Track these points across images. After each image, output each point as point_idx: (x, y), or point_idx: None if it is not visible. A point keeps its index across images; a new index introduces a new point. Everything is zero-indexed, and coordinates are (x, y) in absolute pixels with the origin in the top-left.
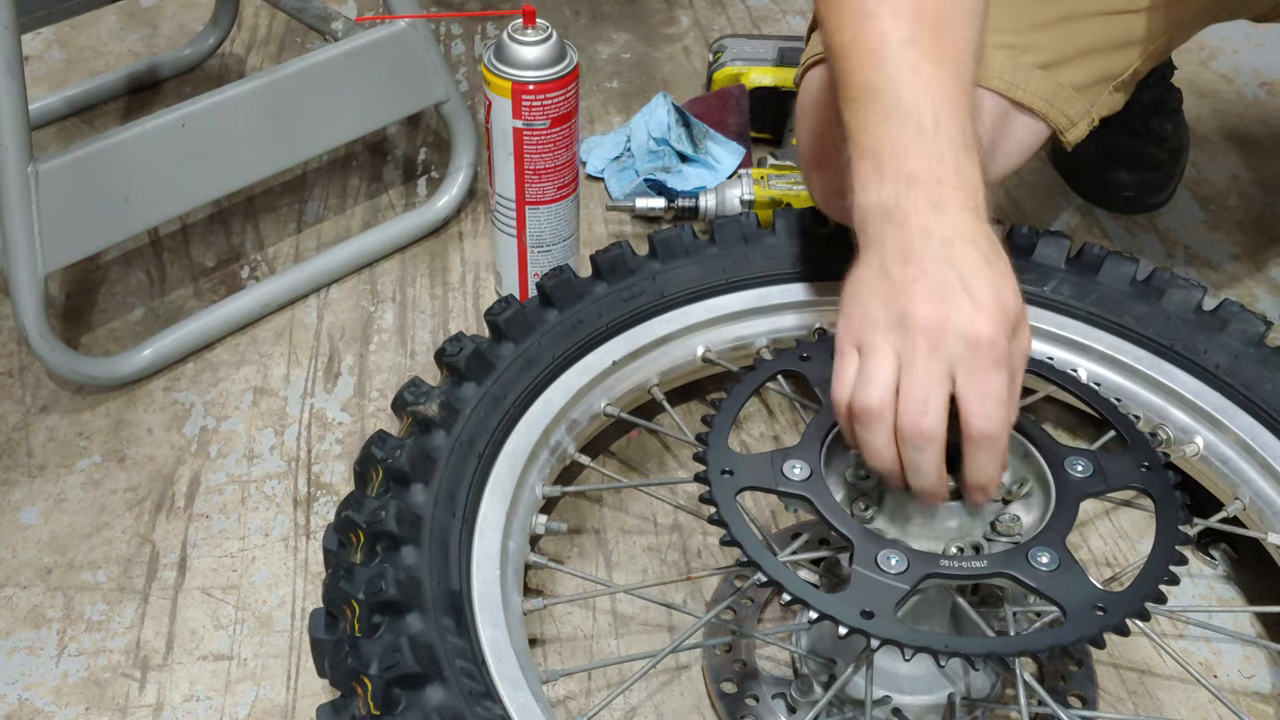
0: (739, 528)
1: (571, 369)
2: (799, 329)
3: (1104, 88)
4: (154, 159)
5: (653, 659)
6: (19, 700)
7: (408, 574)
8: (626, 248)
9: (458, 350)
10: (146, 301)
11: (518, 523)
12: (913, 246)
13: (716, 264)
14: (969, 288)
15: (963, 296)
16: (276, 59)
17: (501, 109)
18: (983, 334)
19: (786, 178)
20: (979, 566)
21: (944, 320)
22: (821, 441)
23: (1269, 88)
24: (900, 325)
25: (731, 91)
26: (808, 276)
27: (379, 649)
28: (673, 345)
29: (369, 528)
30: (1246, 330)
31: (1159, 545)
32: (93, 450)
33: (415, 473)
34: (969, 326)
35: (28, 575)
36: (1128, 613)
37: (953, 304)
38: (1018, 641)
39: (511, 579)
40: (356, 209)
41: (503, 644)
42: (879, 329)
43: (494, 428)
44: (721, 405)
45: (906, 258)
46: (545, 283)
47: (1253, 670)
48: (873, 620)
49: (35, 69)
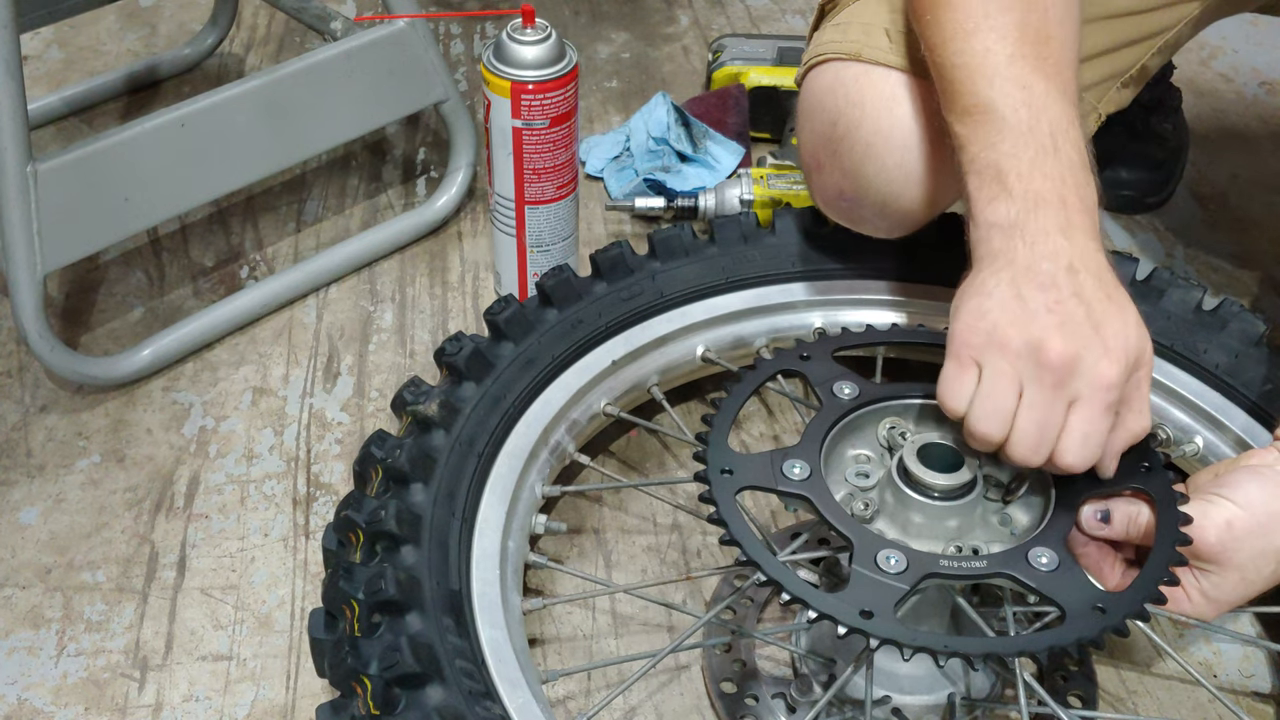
0: (738, 527)
1: (571, 368)
2: (798, 328)
3: (1111, 84)
4: (153, 159)
5: (652, 659)
6: (18, 700)
7: (407, 573)
8: (626, 247)
9: (457, 350)
10: (146, 301)
11: (517, 522)
12: (1042, 269)
13: (716, 263)
14: (1098, 326)
15: (1093, 337)
16: (275, 59)
17: (501, 108)
18: (1107, 379)
19: (786, 177)
20: (978, 567)
21: (1075, 360)
22: (821, 441)
23: (1269, 87)
24: (1032, 356)
25: (731, 91)
26: (808, 276)
27: (378, 649)
28: (672, 345)
29: (368, 527)
30: (1246, 330)
31: (1159, 546)
32: (92, 450)
33: (415, 472)
34: (1096, 370)
35: (27, 575)
36: (1128, 613)
37: (1083, 344)
38: (1017, 642)
39: (511, 579)
40: (355, 209)
41: (502, 644)
42: (1008, 354)
43: (494, 427)
44: (721, 405)
45: (1039, 282)
46: (545, 282)
47: (1253, 670)
48: (872, 620)
49: (34, 69)
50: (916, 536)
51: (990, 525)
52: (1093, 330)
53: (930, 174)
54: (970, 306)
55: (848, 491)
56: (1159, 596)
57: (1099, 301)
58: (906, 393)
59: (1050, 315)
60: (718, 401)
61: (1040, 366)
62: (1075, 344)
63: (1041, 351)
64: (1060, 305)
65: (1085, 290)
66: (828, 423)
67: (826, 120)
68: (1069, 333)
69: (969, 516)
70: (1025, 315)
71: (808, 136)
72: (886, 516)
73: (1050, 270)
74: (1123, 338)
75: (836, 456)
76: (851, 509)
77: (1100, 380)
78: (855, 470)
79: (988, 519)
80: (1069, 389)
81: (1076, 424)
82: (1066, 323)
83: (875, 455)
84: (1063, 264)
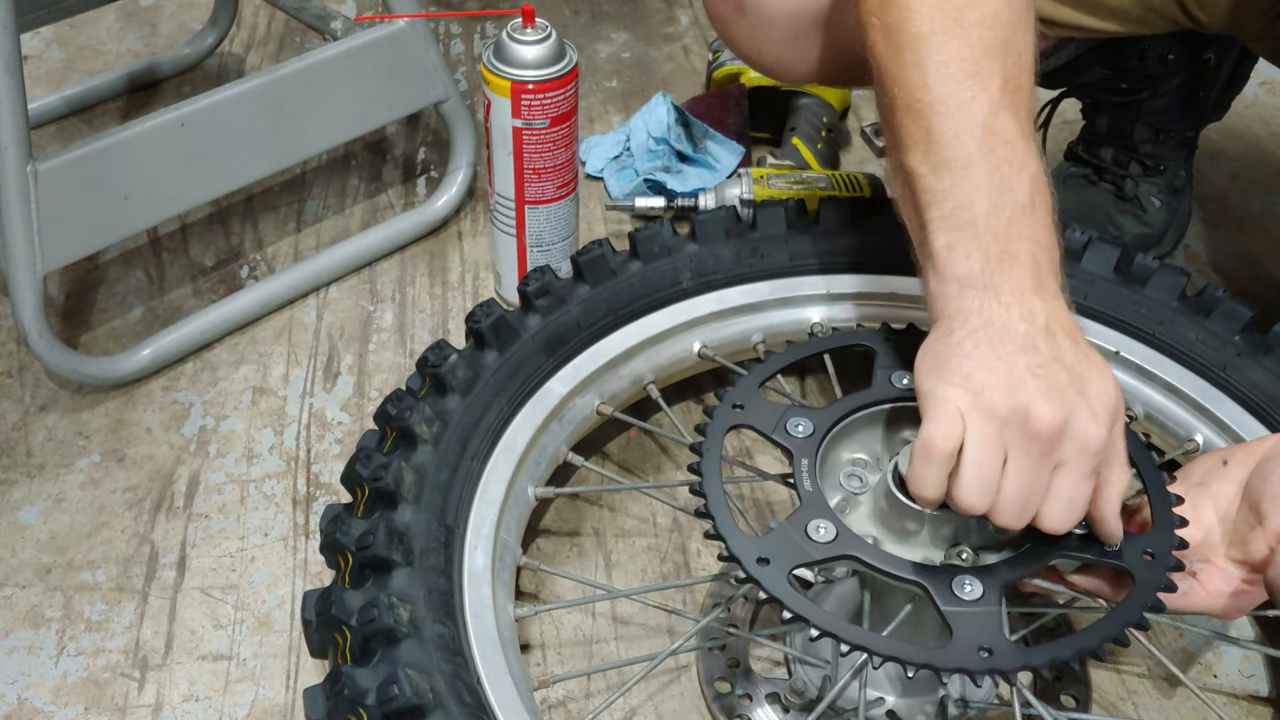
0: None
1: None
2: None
3: None
4: (153, 159)
5: (649, 664)
6: (18, 700)
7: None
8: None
9: (441, 360)
10: (146, 301)
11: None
12: (1019, 330)
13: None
14: (1082, 389)
15: (1079, 401)
16: (276, 58)
17: (501, 108)
18: (1095, 443)
19: (786, 177)
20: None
21: (1063, 426)
22: None
23: (1269, 87)
24: (1020, 425)
25: (731, 91)
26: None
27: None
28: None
29: (358, 549)
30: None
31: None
32: (92, 450)
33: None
34: (1084, 435)
35: (27, 575)
36: (1126, 622)
37: (1071, 409)
38: (1047, 651)
39: (503, 577)
40: (356, 208)
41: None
42: (994, 420)
43: (491, 425)
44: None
45: (1019, 345)
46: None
47: (1252, 670)
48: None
49: (34, 68)
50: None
51: (985, 531)
52: (1078, 394)
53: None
54: (951, 368)
55: (842, 497)
56: (1158, 605)
57: (1078, 363)
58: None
59: (1035, 380)
60: (711, 410)
61: (1028, 436)
62: (1063, 410)
63: (1030, 420)
64: (1044, 369)
65: (1064, 353)
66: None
67: None
68: (1055, 399)
69: (968, 522)
70: (1011, 380)
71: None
72: (878, 524)
73: (1028, 332)
74: (1105, 398)
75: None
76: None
77: (1088, 445)
78: (849, 472)
79: (983, 525)
80: (1055, 455)
81: (1062, 490)
82: (1052, 388)
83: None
84: (1039, 325)
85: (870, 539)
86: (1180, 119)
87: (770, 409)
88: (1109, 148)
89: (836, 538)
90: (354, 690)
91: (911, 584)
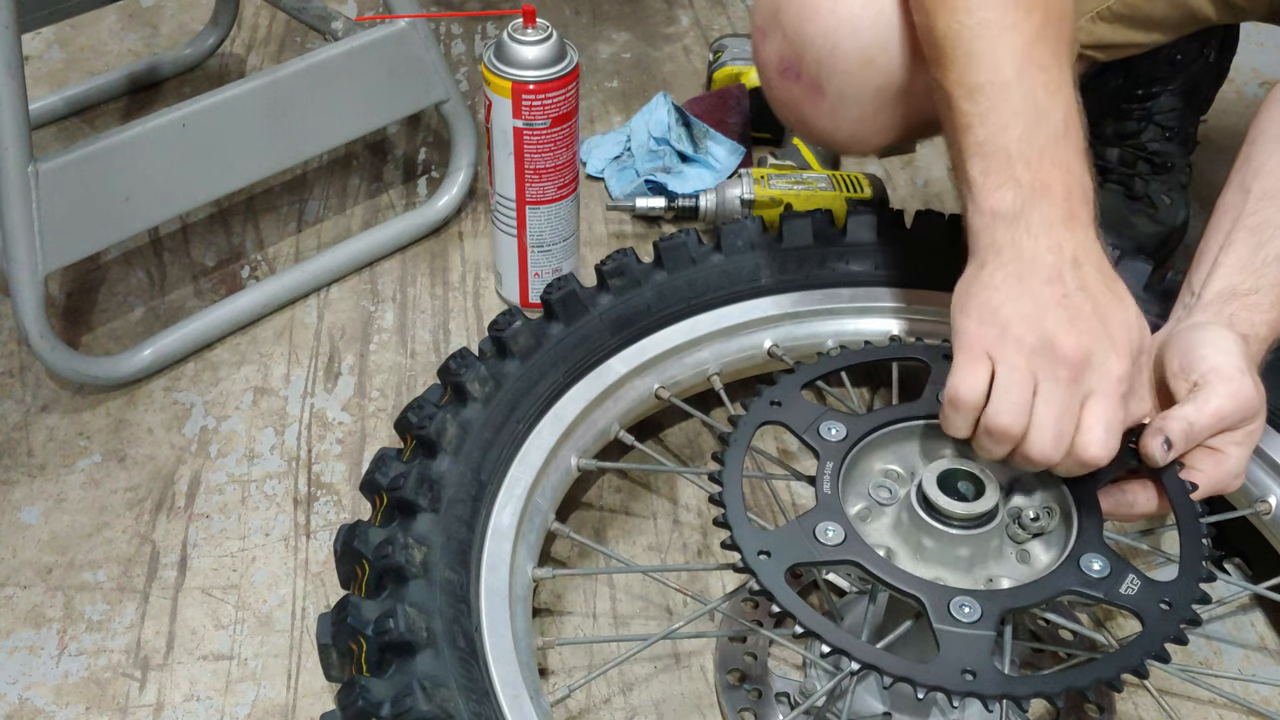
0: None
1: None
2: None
3: (1084, 16)
4: (154, 159)
5: (645, 642)
6: (19, 700)
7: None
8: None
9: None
10: (147, 301)
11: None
12: (1046, 262)
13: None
14: (1104, 319)
15: (1101, 331)
16: (277, 59)
17: (501, 108)
18: (1119, 373)
19: (787, 177)
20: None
21: (1087, 354)
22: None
23: (1269, 87)
24: (1046, 351)
25: (732, 91)
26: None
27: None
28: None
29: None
30: None
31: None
32: (93, 450)
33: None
34: (1107, 364)
35: (28, 575)
36: (1146, 653)
37: (1093, 338)
38: (1033, 683)
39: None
40: (356, 209)
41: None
42: (1022, 349)
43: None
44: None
45: (1045, 276)
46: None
47: (1252, 671)
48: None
49: (35, 69)
50: (932, 563)
51: (1006, 559)
52: (1100, 324)
53: (869, 27)
54: (979, 302)
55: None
56: (1180, 637)
57: (1103, 295)
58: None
59: (1060, 310)
60: (726, 436)
61: (1055, 362)
62: (1086, 339)
63: (1055, 347)
64: (1068, 300)
65: (1089, 283)
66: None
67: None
68: (1080, 328)
69: (987, 546)
70: (1036, 311)
71: (758, 6)
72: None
73: (1055, 264)
74: (1127, 329)
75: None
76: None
77: (1112, 374)
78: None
79: (1004, 551)
80: (1083, 384)
81: (1097, 416)
82: (1076, 317)
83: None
84: (1066, 257)
85: (884, 550)
86: (1185, 116)
87: (807, 409)
88: (1114, 148)
89: (844, 542)
90: (357, 619)
91: (908, 596)
